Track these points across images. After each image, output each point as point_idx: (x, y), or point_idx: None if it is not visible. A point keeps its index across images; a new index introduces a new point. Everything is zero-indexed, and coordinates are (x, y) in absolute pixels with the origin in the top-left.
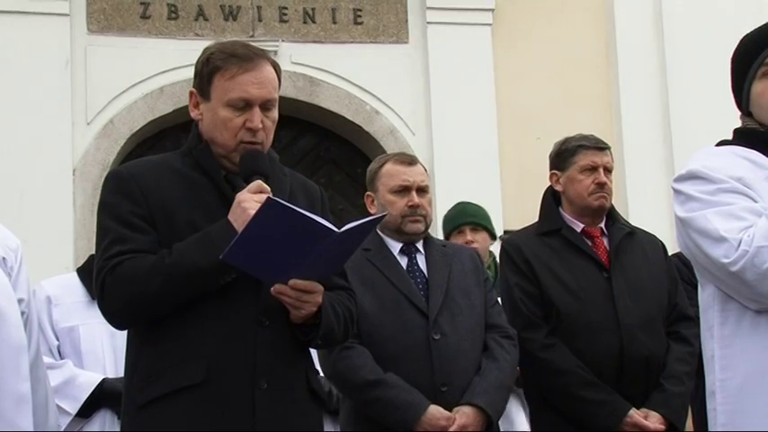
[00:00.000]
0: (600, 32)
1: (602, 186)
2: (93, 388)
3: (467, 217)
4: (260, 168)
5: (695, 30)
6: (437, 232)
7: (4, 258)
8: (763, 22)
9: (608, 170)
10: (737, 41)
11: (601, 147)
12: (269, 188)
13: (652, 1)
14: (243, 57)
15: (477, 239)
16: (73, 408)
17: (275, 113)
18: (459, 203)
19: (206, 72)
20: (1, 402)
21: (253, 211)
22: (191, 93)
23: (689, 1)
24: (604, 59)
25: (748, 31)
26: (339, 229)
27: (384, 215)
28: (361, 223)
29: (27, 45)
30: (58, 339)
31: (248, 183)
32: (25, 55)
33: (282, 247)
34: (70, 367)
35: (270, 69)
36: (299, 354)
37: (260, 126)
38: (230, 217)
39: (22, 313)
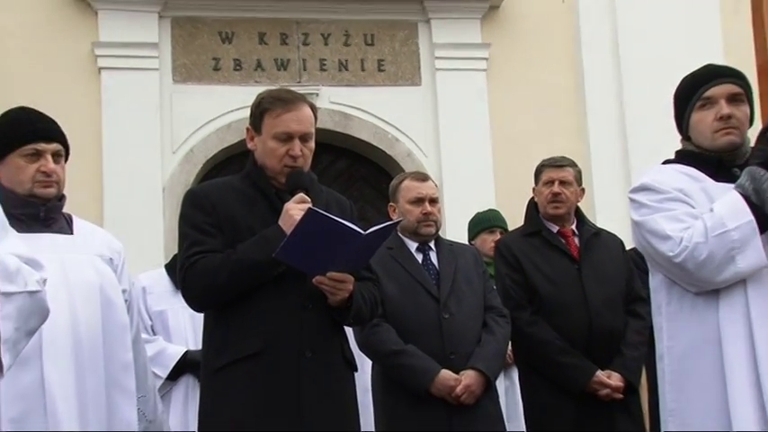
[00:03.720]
0: (571, 76)
1: (556, 196)
2: (178, 358)
3: (501, 222)
4: (302, 183)
5: (648, 72)
6: (446, 233)
7: (111, 259)
8: (701, 65)
9: (563, 183)
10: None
11: (558, 165)
12: (310, 199)
13: (611, 51)
14: (286, 100)
15: None
16: (164, 373)
17: (312, 144)
18: (491, 210)
19: (258, 112)
20: (113, 367)
21: (298, 217)
22: (247, 129)
23: (642, 52)
24: (575, 97)
25: (687, 73)
26: (365, 231)
27: (400, 220)
28: (382, 227)
29: (127, 93)
30: (151, 320)
31: (293, 195)
32: (126, 100)
33: (321, 246)
34: (161, 342)
35: (307, 109)
36: (336, 330)
37: (299, 154)
38: (280, 222)
39: (125, 301)
